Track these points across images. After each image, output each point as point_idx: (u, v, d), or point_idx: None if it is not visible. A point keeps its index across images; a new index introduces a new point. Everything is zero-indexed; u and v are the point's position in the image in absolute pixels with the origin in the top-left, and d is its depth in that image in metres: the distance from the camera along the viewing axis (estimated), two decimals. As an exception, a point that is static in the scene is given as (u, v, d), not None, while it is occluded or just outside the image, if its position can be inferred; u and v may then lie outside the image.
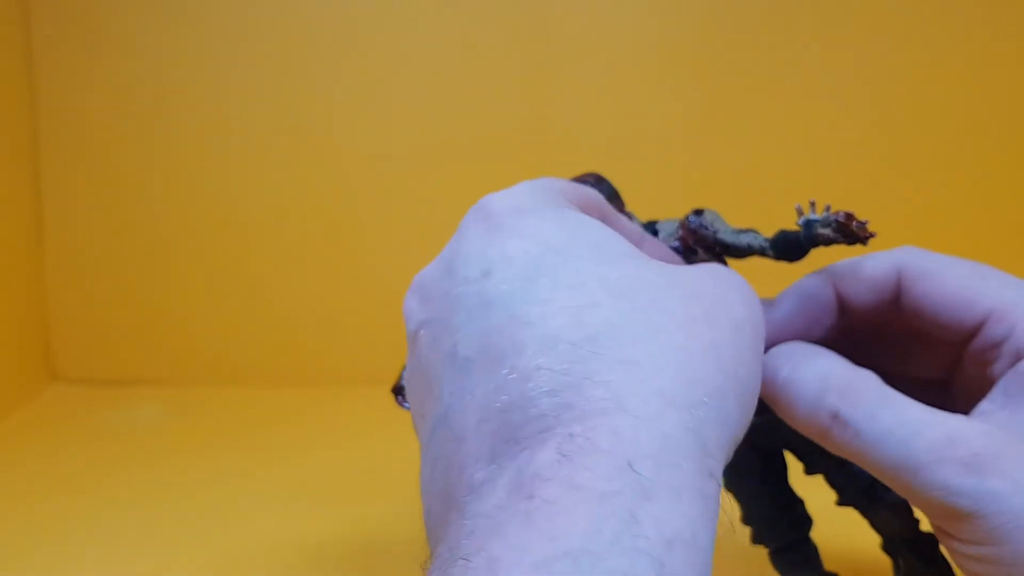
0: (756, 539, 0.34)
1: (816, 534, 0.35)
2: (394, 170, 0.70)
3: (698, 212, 0.31)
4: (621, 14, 0.68)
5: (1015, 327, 0.27)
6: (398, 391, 0.34)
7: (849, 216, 0.28)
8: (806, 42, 0.68)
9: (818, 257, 0.31)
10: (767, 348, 0.28)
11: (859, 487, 0.32)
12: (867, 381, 0.26)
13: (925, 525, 0.31)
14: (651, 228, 0.33)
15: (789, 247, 0.30)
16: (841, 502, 0.33)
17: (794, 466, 0.34)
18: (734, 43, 0.68)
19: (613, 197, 0.33)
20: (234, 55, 0.69)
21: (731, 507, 0.33)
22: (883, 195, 0.68)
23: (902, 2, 0.68)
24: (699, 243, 0.31)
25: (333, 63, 0.69)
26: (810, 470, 0.34)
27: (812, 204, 0.29)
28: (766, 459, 0.34)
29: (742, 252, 0.31)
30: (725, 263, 0.31)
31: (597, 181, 0.33)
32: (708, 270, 0.25)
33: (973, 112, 0.69)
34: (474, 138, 0.69)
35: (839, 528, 0.37)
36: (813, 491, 0.35)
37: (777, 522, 0.34)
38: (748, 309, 0.24)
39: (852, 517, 0.34)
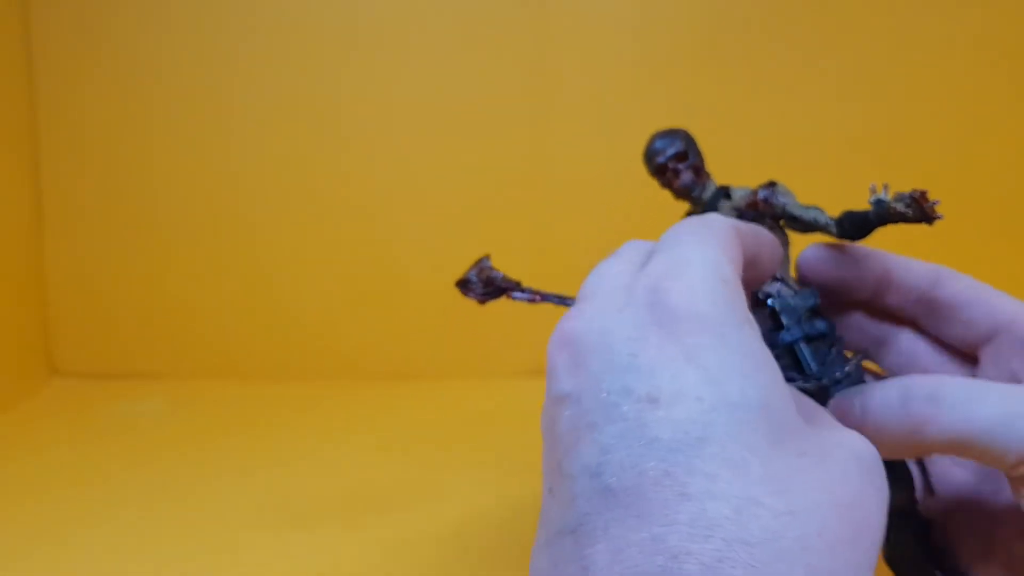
0: None
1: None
2: (397, 166, 0.70)
3: (771, 184, 0.34)
4: (622, 13, 0.68)
5: None
6: (463, 284, 0.36)
7: (923, 194, 0.30)
8: (806, 41, 0.68)
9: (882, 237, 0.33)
10: None
11: None
12: (942, 376, 0.29)
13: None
14: (724, 192, 0.35)
15: (856, 225, 0.33)
16: None
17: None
18: (734, 42, 0.68)
19: (693, 148, 0.36)
20: (234, 49, 0.69)
21: None
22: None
23: (903, 2, 0.68)
24: (767, 212, 0.34)
25: (336, 56, 0.69)
26: None
27: (885, 187, 0.31)
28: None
29: (807, 227, 0.34)
30: (785, 233, 0.34)
31: (685, 138, 0.36)
32: (860, 459, 0.24)
33: (973, 112, 0.69)
34: (477, 135, 0.69)
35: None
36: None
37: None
38: (882, 514, 0.23)
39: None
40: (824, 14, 0.68)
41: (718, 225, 0.27)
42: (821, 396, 0.32)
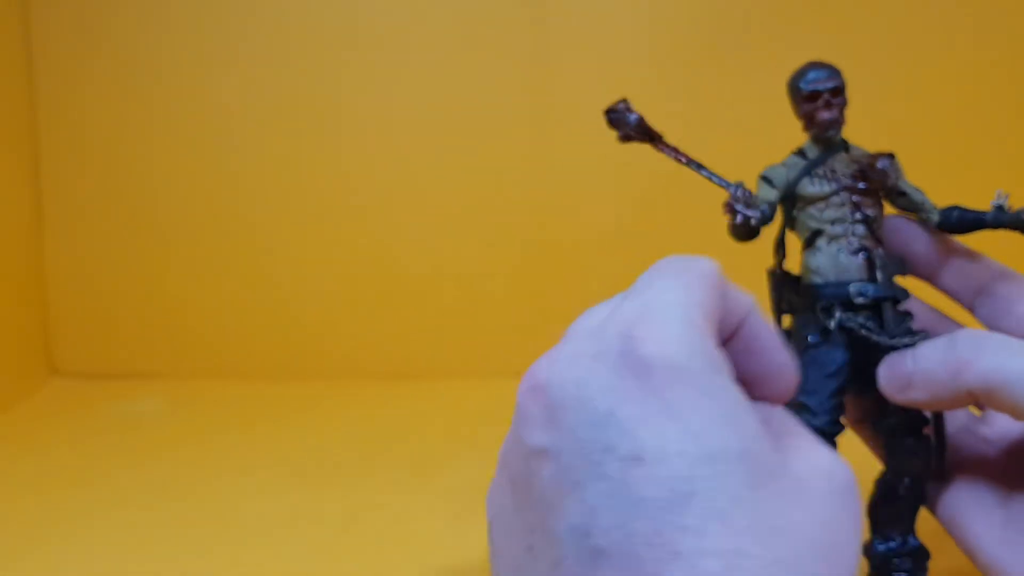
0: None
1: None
2: (397, 166, 0.70)
3: (891, 155, 0.35)
4: (622, 13, 0.68)
5: None
6: (614, 114, 0.35)
7: None
8: (807, 41, 0.68)
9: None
10: None
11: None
12: (987, 331, 0.32)
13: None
14: (845, 145, 0.36)
15: (964, 222, 0.35)
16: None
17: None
18: (735, 42, 0.68)
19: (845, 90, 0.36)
20: (234, 49, 0.69)
21: None
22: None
23: (903, 2, 0.68)
24: (878, 179, 0.35)
25: (335, 56, 0.69)
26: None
27: (1007, 196, 0.35)
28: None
29: (911, 205, 0.36)
30: (882, 205, 0.36)
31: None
32: (833, 481, 0.24)
33: (974, 111, 0.69)
34: (477, 135, 0.69)
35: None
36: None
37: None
38: (856, 536, 0.24)
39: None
40: (825, 14, 0.68)
41: (698, 268, 0.26)
42: (879, 357, 0.34)
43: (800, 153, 0.37)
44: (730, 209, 0.34)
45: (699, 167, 0.35)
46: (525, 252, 0.70)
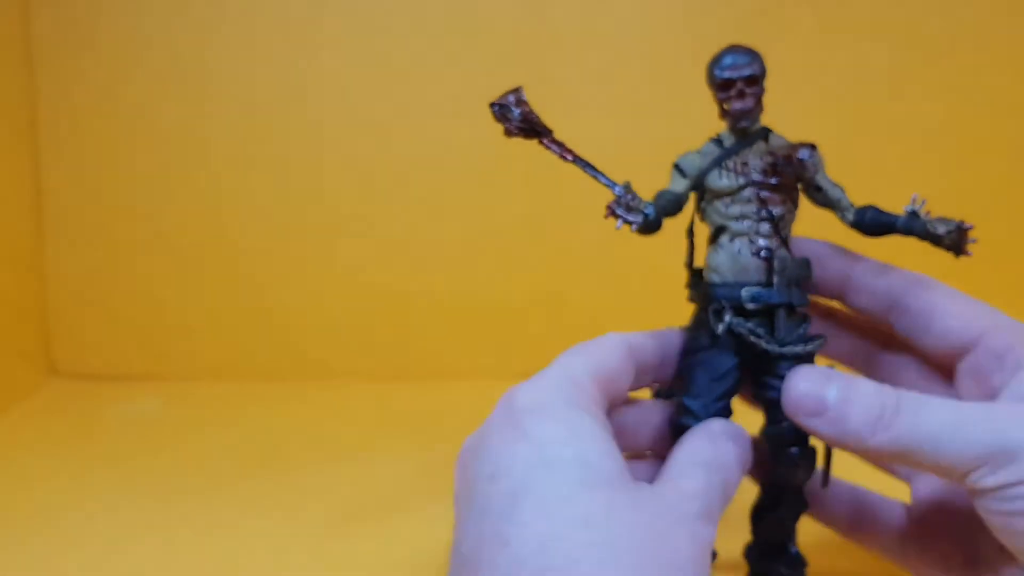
0: None
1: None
2: (396, 168, 0.70)
3: (813, 146, 0.33)
4: (622, 14, 0.68)
5: (1013, 344, 0.31)
6: (501, 108, 0.33)
7: (969, 229, 0.31)
8: (807, 41, 0.68)
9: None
10: None
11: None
12: (903, 393, 0.30)
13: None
14: (764, 133, 0.34)
15: (878, 224, 0.33)
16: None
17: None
18: (735, 41, 0.68)
19: (764, 77, 0.33)
20: (234, 50, 0.69)
21: None
22: (883, 194, 0.68)
23: (904, 3, 0.68)
24: (796, 171, 0.33)
25: (327, 64, 0.69)
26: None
27: (923, 202, 0.32)
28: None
29: (827, 201, 0.34)
30: (797, 199, 0.34)
31: (763, 64, 0.33)
32: (672, 502, 0.28)
33: (975, 111, 0.69)
34: (476, 135, 0.69)
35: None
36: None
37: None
38: (695, 546, 0.27)
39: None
40: (826, 14, 0.68)
41: (602, 344, 0.31)
42: (770, 363, 0.33)
43: (717, 141, 0.34)
44: (611, 213, 0.32)
45: (586, 165, 0.33)
46: (524, 252, 0.70)
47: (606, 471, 0.27)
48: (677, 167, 0.34)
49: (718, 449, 0.31)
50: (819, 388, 0.30)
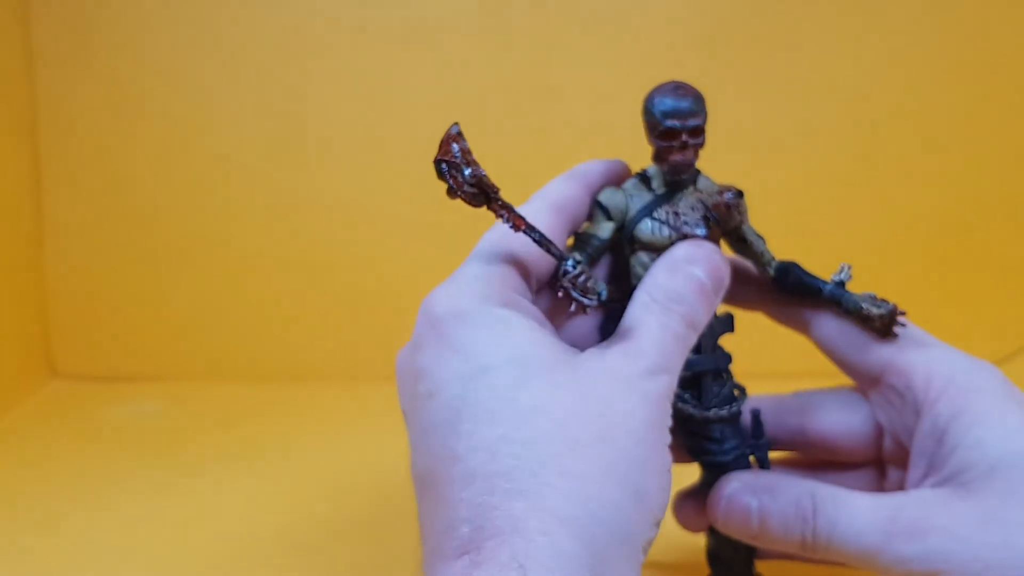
0: None
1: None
2: (394, 167, 0.70)
3: (740, 193, 0.31)
4: (623, 13, 0.68)
5: (910, 382, 0.31)
6: (449, 167, 0.29)
7: (902, 315, 0.31)
8: (808, 41, 0.68)
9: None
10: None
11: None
12: (817, 486, 0.30)
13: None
14: (694, 177, 0.32)
15: (798, 286, 0.32)
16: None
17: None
18: (735, 42, 0.68)
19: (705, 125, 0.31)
20: (233, 52, 0.69)
21: None
22: (880, 194, 0.68)
23: (905, 4, 0.68)
24: (723, 217, 0.31)
25: (323, 69, 0.69)
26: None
27: (850, 271, 0.32)
28: None
29: (751, 254, 0.33)
30: (717, 244, 0.32)
31: (705, 112, 0.31)
32: (616, 366, 0.27)
33: (975, 110, 0.69)
34: (473, 133, 0.69)
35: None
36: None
37: None
38: (647, 406, 0.26)
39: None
40: (826, 15, 0.68)
41: (504, 243, 0.30)
42: (695, 424, 0.32)
43: (644, 178, 0.32)
44: (564, 293, 0.28)
45: (537, 236, 0.29)
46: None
47: (540, 360, 0.26)
48: (600, 206, 0.31)
49: (674, 281, 0.29)
50: (738, 498, 0.31)
